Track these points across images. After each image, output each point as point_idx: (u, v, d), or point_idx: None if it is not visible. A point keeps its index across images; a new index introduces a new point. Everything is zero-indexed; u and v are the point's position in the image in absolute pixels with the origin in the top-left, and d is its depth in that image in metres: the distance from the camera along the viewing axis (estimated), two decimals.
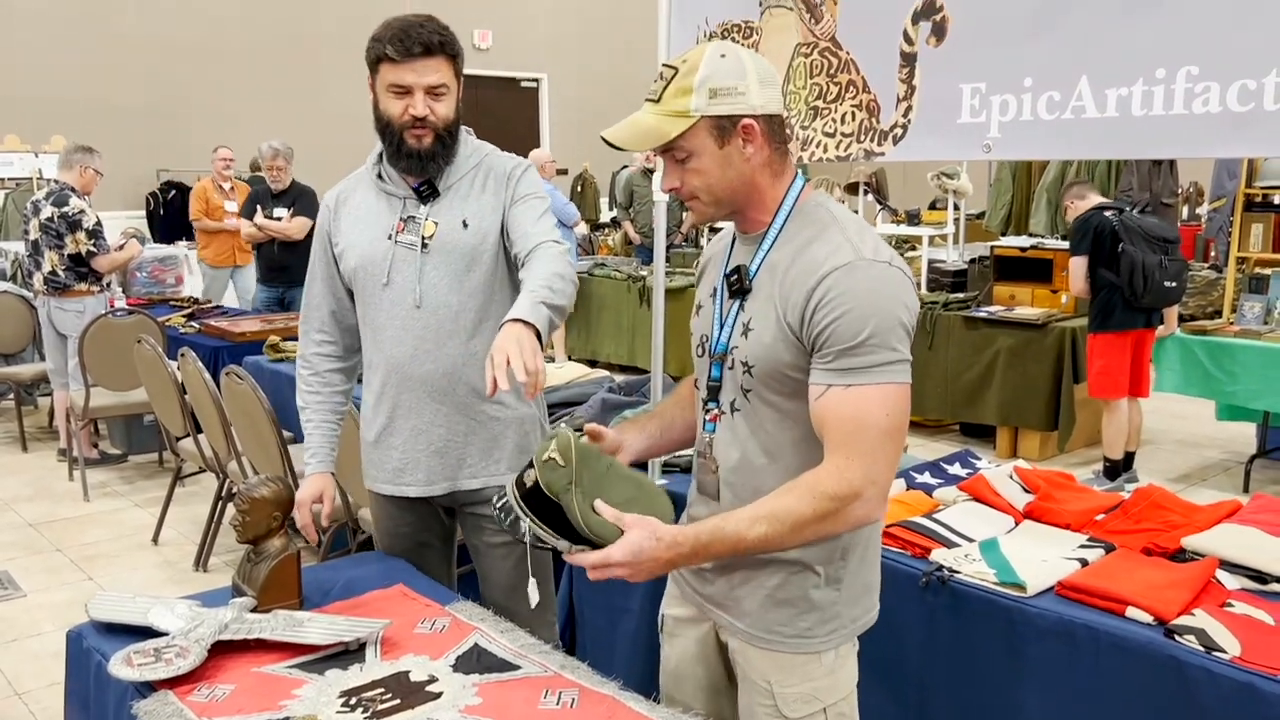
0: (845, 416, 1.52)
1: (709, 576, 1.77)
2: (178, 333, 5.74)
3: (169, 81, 10.42)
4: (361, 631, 1.82)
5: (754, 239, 1.67)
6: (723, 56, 1.56)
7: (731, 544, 1.53)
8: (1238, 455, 5.87)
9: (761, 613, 1.70)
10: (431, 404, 2.25)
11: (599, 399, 3.41)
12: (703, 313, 1.77)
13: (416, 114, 2.11)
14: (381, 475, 2.34)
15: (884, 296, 1.52)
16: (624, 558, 1.50)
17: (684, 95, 1.55)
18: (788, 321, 1.57)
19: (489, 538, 2.35)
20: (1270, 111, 1.77)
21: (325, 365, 2.39)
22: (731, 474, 1.69)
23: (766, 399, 1.63)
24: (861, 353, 1.50)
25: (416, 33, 2.08)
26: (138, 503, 5.36)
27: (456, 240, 2.20)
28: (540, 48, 13.35)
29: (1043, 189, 8.40)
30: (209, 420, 4.13)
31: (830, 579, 1.68)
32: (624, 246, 10.04)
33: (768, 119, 1.59)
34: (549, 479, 1.55)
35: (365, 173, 2.30)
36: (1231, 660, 1.84)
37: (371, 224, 2.24)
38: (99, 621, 1.90)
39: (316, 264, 2.35)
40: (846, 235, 1.57)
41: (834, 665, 1.71)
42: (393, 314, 2.22)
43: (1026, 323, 5.96)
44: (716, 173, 1.59)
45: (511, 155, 2.31)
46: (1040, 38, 2.04)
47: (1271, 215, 6.17)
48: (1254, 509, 2.48)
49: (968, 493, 2.65)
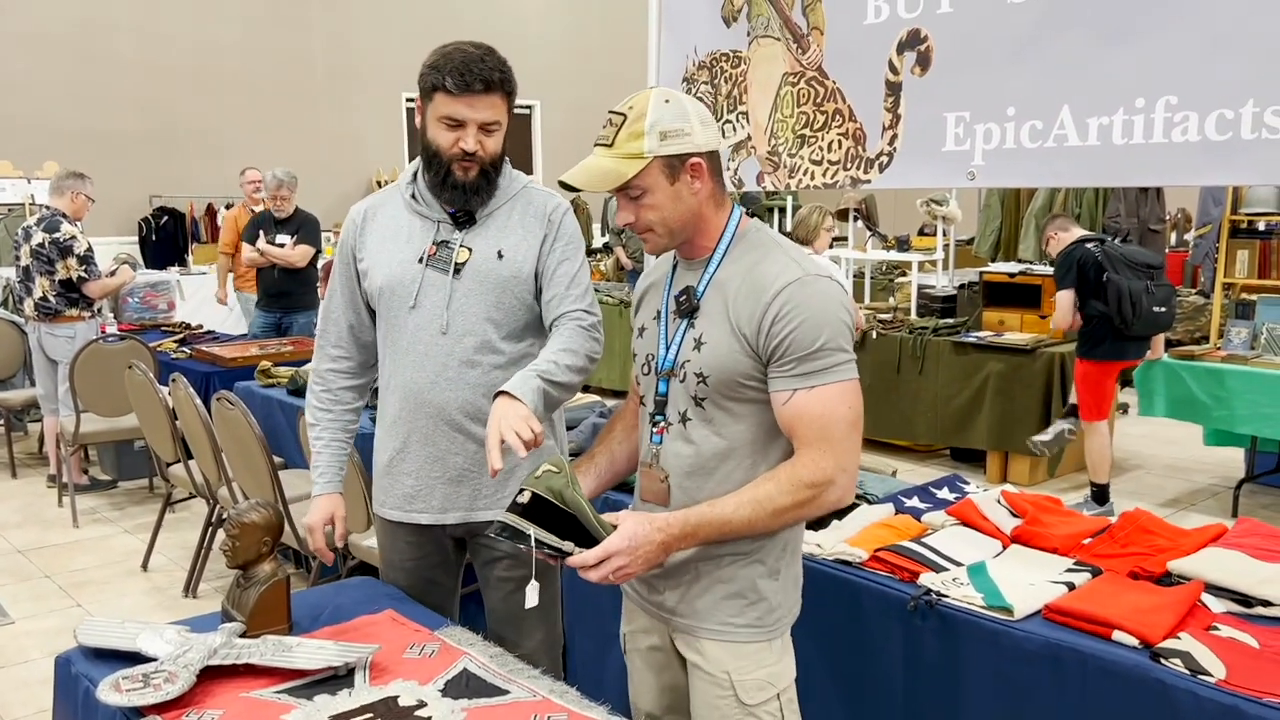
0: (814, 415, 1.68)
1: (659, 585, 1.88)
2: (169, 358, 5.74)
3: (162, 107, 10.46)
4: (350, 656, 1.83)
5: (699, 263, 1.82)
6: (666, 102, 1.72)
7: (718, 526, 1.68)
8: (1226, 480, 5.90)
9: (714, 608, 1.82)
10: (449, 431, 2.22)
11: (590, 424, 3.42)
12: (646, 334, 1.91)
13: (468, 149, 2.09)
14: (391, 501, 2.31)
15: (832, 305, 1.70)
16: (622, 545, 1.62)
17: (637, 139, 1.70)
18: (743, 334, 1.72)
19: (500, 571, 2.31)
20: (1247, 141, 1.81)
21: (339, 382, 2.36)
22: (684, 479, 1.81)
23: (720, 405, 1.77)
24: (819, 357, 1.68)
25: (478, 68, 2.05)
26: (127, 529, 5.34)
27: (491, 270, 2.18)
28: (532, 75, 13.38)
29: (1031, 215, 8.46)
30: (200, 446, 4.13)
31: (773, 570, 1.83)
32: (616, 272, 10.06)
33: (709, 155, 1.75)
34: (552, 484, 1.64)
35: (396, 191, 2.27)
36: (1217, 683, 1.84)
37: (402, 244, 2.21)
38: (87, 647, 1.90)
39: (337, 278, 2.31)
40: (790, 256, 1.75)
41: (780, 653, 1.86)
42: (417, 337, 2.20)
43: (1015, 348, 5.99)
44: (669, 206, 1.74)
45: (551, 192, 2.28)
46: (1022, 68, 2.08)
47: (1256, 241, 6.23)
48: (1239, 533, 2.49)
49: (956, 517, 2.66)
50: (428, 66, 2.09)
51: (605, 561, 1.62)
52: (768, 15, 2.54)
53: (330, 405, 2.36)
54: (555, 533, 1.63)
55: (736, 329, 1.72)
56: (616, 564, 1.62)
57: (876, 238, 8.66)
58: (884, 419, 6.34)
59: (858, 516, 2.64)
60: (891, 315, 7.09)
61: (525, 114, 13.69)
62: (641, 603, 1.95)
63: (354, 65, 11.44)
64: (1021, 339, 6.13)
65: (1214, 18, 1.85)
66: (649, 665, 1.99)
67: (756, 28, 2.58)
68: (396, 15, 11.73)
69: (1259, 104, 1.80)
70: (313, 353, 2.45)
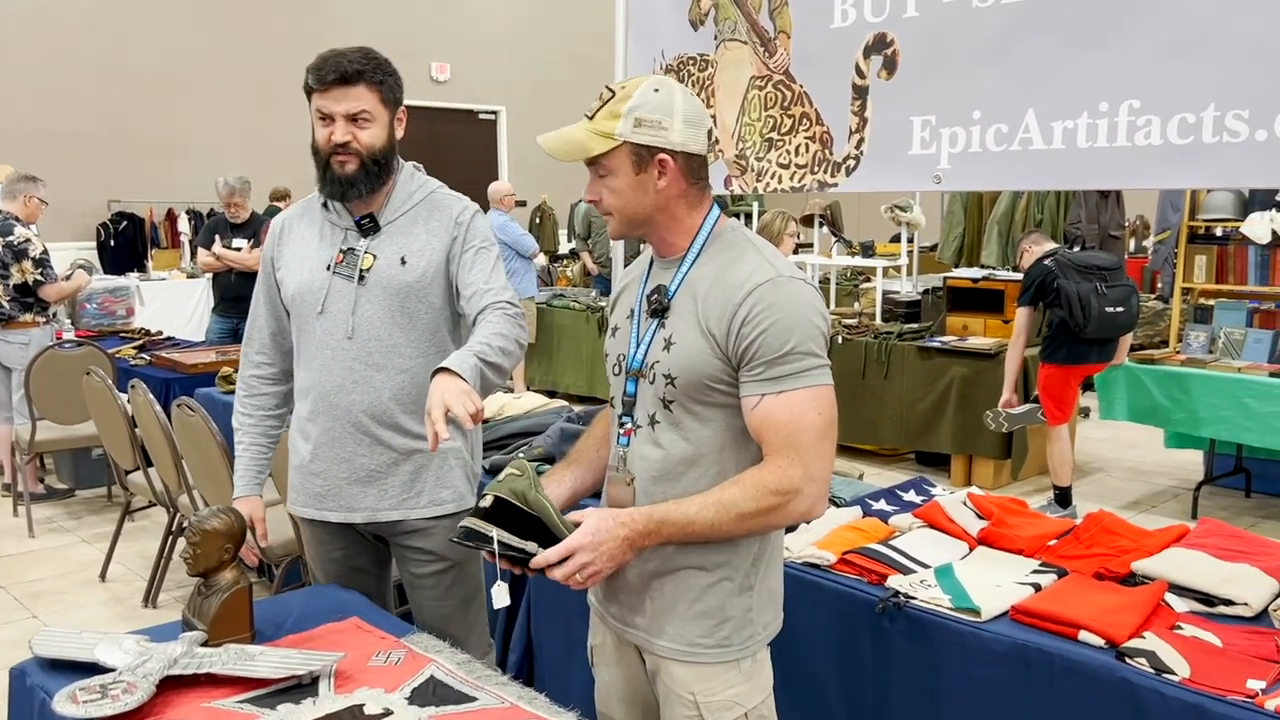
0: (781, 421, 1.63)
1: (626, 601, 1.83)
2: (128, 365, 5.65)
3: (121, 111, 10.30)
4: (314, 664, 1.79)
5: (672, 262, 1.77)
6: (656, 90, 1.68)
7: (681, 526, 1.63)
8: (1186, 482, 5.98)
9: (680, 628, 1.76)
10: (355, 434, 2.28)
11: (558, 429, 3.40)
12: (618, 334, 1.87)
13: (337, 140, 2.17)
14: (302, 499, 2.38)
15: (803, 308, 1.65)
16: (585, 540, 1.59)
17: (613, 119, 1.66)
18: (712, 334, 1.67)
19: (417, 569, 2.39)
20: (1209, 144, 1.83)
21: (262, 388, 2.43)
22: (651, 484, 1.76)
23: (688, 409, 1.72)
24: (788, 361, 1.63)
25: (334, 62, 2.14)
26: (85, 538, 5.25)
27: (394, 276, 2.24)
28: (498, 80, 13.39)
29: (994, 221, 8.54)
30: (160, 453, 4.06)
31: (744, 586, 1.76)
32: (582, 277, 10.05)
33: (686, 156, 1.70)
34: (515, 486, 1.63)
35: (313, 201, 2.35)
36: (1181, 682, 1.86)
37: (312, 253, 2.29)
38: (43, 658, 1.85)
39: (260, 287, 2.39)
40: (764, 256, 1.71)
41: (751, 671, 1.79)
42: (324, 342, 2.26)
43: (979, 352, 6.04)
44: (629, 195, 1.70)
45: (461, 197, 2.36)
46: (988, 72, 2.10)
47: (1214, 247, 6.32)
48: (1201, 533, 2.52)
49: (923, 519, 2.68)
50: (306, 71, 2.18)
51: (569, 559, 1.59)
52: (735, 19, 2.54)
53: (252, 410, 2.43)
54: (519, 535, 1.61)
55: (706, 329, 1.68)
56: (581, 560, 1.59)
57: (841, 243, 8.71)
58: (849, 423, 6.34)
59: (826, 519, 2.65)
60: (857, 321, 7.13)
61: (491, 120, 13.65)
62: (608, 619, 1.90)
63: None
64: (985, 344, 6.18)
65: (1176, 24, 1.87)
66: (617, 679, 1.95)
67: (723, 31, 2.58)
68: (362, 22, 11.65)
69: (1220, 108, 1.82)
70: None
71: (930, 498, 2.87)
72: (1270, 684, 1.84)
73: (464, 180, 2.38)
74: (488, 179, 9.80)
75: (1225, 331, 5.48)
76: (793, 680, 2.43)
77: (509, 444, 3.46)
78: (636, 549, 1.65)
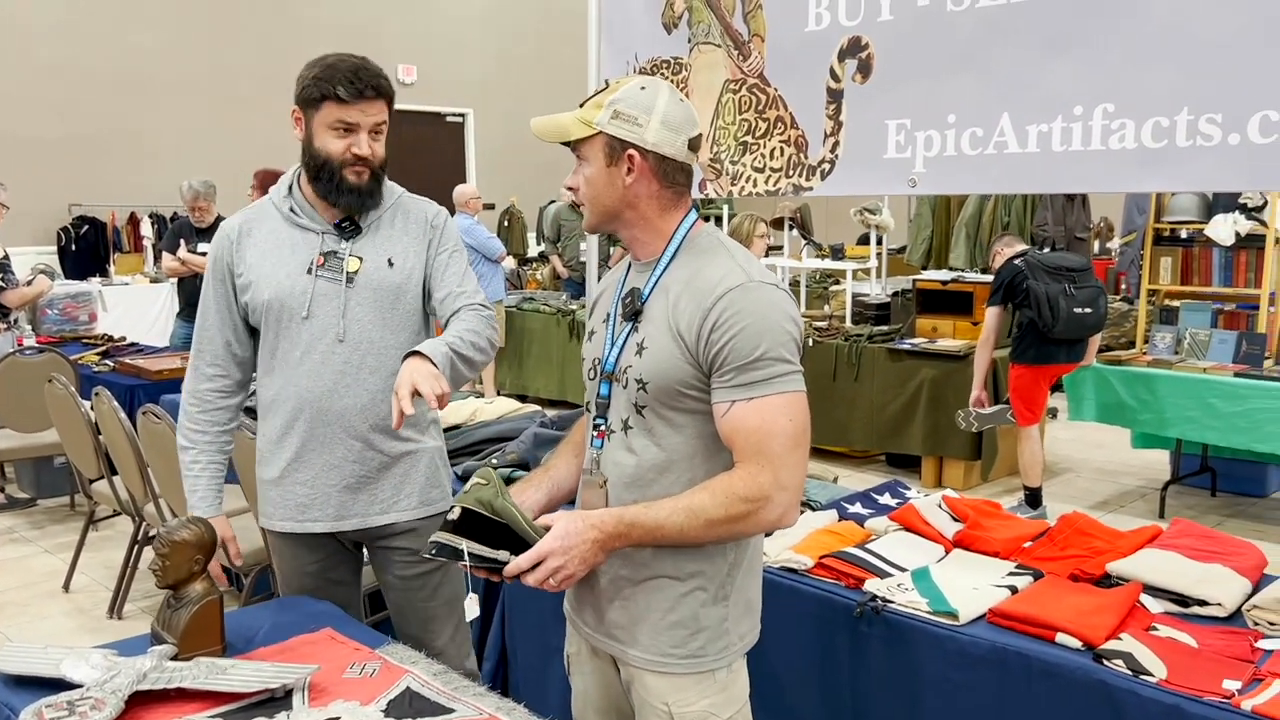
0: (752, 428, 1.62)
1: (600, 612, 1.82)
2: (90, 371, 5.56)
3: (83, 112, 10.13)
4: (288, 677, 1.76)
5: (647, 265, 1.78)
6: (642, 89, 1.69)
7: (650, 529, 1.61)
8: (1153, 482, 6.04)
9: (654, 638, 1.75)
10: (346, 439, 2.25)
11: (531, 434, 3.38)
12: (595, 338, 1.86)
13: (361, 153, 2.16)
14: (281, 513, 2.31)
15: (774, 313, 1.64)
16: (555, 544, 1.58)
17: (597, 108, 1.69)
18: (683, 339, 1.66)
19: (401, 571, 2.36)
20: (1182, 148, 1.84)
21: (217, 401, 2.32)
22: (623, 489, 1.75)
23: (660, 414, 1.71)
24: (759, 367, 1.61)
25: (367, 75, 2.13)
26: (47, 548, 5.15)
27: (383, 278, 2.24)
28: (465, 83, 13.33)
29: (961, 224, 8.60)
30: (125, 462, 3.99)
31: (718, 596, 1.74)
32: (552, 281, 10.02)
33: (658, 158, 1.70)
34: (481, 496, 1.62)
35: (269, 206, 2.28)
36: (1158, 683, 1.87)
37: (286, 257, 2.23)
38: (6, 674, 1.80)
39: (211, 296, 2.30)
40: (736, 261, 1.69)
41: (727, 682, 1.78)
42: (312, 347, 2.22)
43: (948, 354, 6.07)
44: (599, 186, 1.72)
45: (427, 200, 2.38)
46: (963, 76, 2.10)
47: (1179, 249, 6.40)
48: (1174, 534, 2.54)
49: (898, 522, 2.68)
50: (313, 78, 2.15)
51: (541, 564, 1.58)
52: (708, 22, 2.53)
53: (207, 427, 2.32)
54: (490, 544, 1.60)
55: (677, 334, 1.67)
56: (552, 564, 1.58)
57: (811, 246, 8.74)
58: (820, 426, 6.36)
59: (802, 523, 2.64)
60: (827, 323, 7.15)
61: (459, 123, 13.58)
62: (581, 628, 1.89)
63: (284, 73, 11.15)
64: (954, 345, 6.22)
65: (1146, 29, 1.88)
66: (592, 687, 1.93)
67: (697, 34, 2.57)
68: (328, 24, 11.55)
69: (1193, 112, 1.83)
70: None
71: (905, 500, 2.88)
72: (1246, 684, 1.85)
73: (432, 183, 2.38)
74: (455, 181, 9.75)
75: (1191, 332, 5.55)
76: (771, 685, 2.42)
77: (482, 449, 3.43)
78: (607, 550, 1.63)
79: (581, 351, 1.91)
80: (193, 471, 2.32)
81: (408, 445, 2.30)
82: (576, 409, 4.07)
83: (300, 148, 2.22)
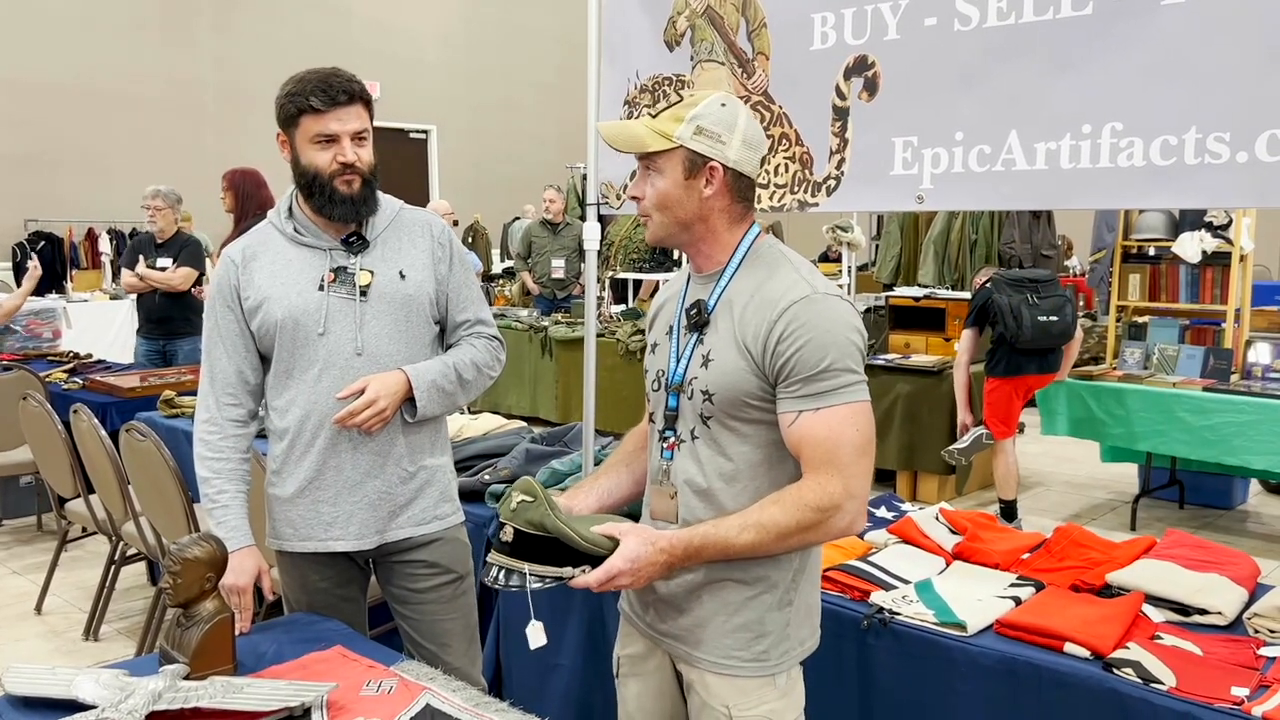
0: (820, 438, 1.64)
1: (664, 612, 1.83)
2: (59, 389, 5.45)
3: (38, 127, 9.98)
4: (307, 696, 1.74)
5: (710, 277, 1.79)
6: (723, 106, 1.71)
7: (721, 548, 1.64)
8: (1123, 495, 6.13)
9: (719, 640, 1.76)
10: (369, 456, 2.23)
11: (523, 449, 3.37)
12: (658, 350, 1.87)
13: (346, 160, 2.14)
14: (301, 533, 2.26)
15: (839, 325, 1.66)
16: (625, 566, 1.61)
17: (676, 122, 1.70)
18: (749, 351, 1.68)
19: (418, 584, 2.33)
20: (1190, 165, 1.89)
21: (234, 430, 2.26)
22: (692, 499, 1.77)
23: (726, 425, 1.73)
24: (825, 378, 1.64)
25: (337, 81, 2.13)
26: (16, 569, 5.04)
27: (396, 290, 2.23)
28: (429, 99, 13.31)
29: (929, 241, 8.71)
30: (104, 480, 3.92)
31: (783, 601, 1.77)
32: (521, 296, 10.00)
33: (736, 174, 1.73)
34: (530, 517, 1.62)
35: (270, 229, 2.26)
36: (1169, 691, 1.90)
37: (296, 276, 2.20)
38: (16, 696, 1.76)
39: (217, 325, 2.24)
40: (800, 273, 1.72)
41: (786, 688, 1.80)
42: (331, 362, 2.19)
43: (922, 369, 6.14)
44: (675, 198, 1.72)
45: (428, 212, 2.38)
46: (970, 94, 2.13)
47: (1147, 266, 6.53)
48: (1169, 544, 2.59)
49: (898, 535, 2.70)
50: (286, 95, 2.15)
51: (609, 580, 1.62)
52: (712, 40, 2.55)
53: (230, 454, 2.25)
54: (548, 559, 1.61)
55: (743, 346, 1.69)
56: (621, 582, 1.63)
57: None
58: None
59: None
60: None
61: (422, 139, 13.55)
62: (644, 628, 1.89)
63: (245, 88, 11.10)
64: (928, 361, 6.29)
65: (1154, 48, 1.92)
66: (646, 691, 1.93)
67: (700, 52, 2.59)
68: (289, 39, 11.48)
69: (1201, 130, 1.88)
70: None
71: (902, 514, 2.90)
72: (1254, 690, 1.89)
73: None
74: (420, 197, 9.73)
75: (1159, 348, 5.66)
76: None
77: (473, 465, 3.42)
78: (674, 569, 1.67)
79: (644, 364, 1.92)
80: (219, 502, 2.23)
81: (426, 460, 2.30)
82: (561, 425, 4.06)
83: (290, 171, 2.20)
